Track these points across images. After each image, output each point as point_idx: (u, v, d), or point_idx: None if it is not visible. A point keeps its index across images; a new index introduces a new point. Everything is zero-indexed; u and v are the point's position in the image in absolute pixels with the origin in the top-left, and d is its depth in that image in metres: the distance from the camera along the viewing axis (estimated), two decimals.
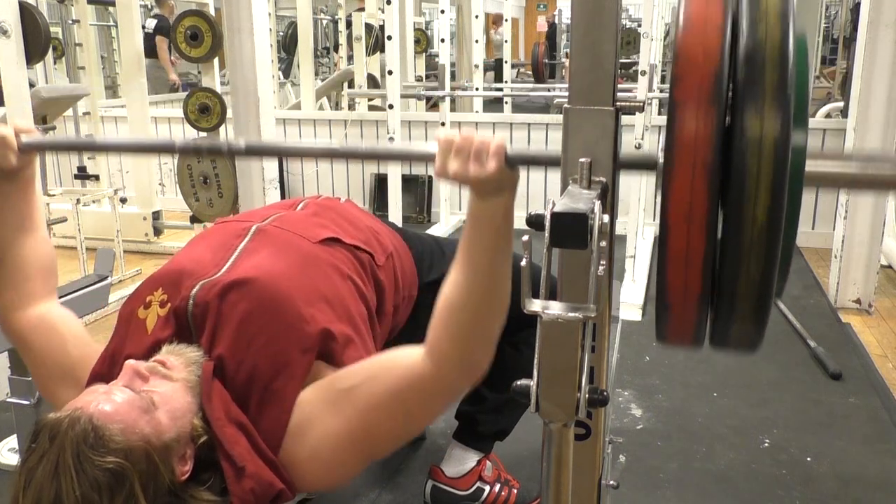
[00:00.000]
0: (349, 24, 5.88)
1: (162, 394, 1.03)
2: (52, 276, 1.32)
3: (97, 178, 4.53)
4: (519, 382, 0.79)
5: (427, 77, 6.89)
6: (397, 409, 1.09)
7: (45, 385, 1.27)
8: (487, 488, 1.76)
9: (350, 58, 6.16)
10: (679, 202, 0.74)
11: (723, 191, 0.74)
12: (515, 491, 1.80)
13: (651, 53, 3.30)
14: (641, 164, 0.90)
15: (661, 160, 0.75)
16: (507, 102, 5.95)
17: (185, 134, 4.13)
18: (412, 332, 1.56)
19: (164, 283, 1.22)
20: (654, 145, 4.31)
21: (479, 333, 1.06)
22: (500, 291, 1.05)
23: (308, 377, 1.14)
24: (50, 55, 4.43)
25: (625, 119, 0.92)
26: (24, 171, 1.26)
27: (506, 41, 7.13)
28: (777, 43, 0.71)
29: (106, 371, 1.15)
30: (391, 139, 3.85)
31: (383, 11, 4.22)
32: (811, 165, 0.78)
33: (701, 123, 0.72)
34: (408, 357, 1.10)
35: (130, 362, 1.06)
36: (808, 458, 2.02)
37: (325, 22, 7.79)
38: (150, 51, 6.03)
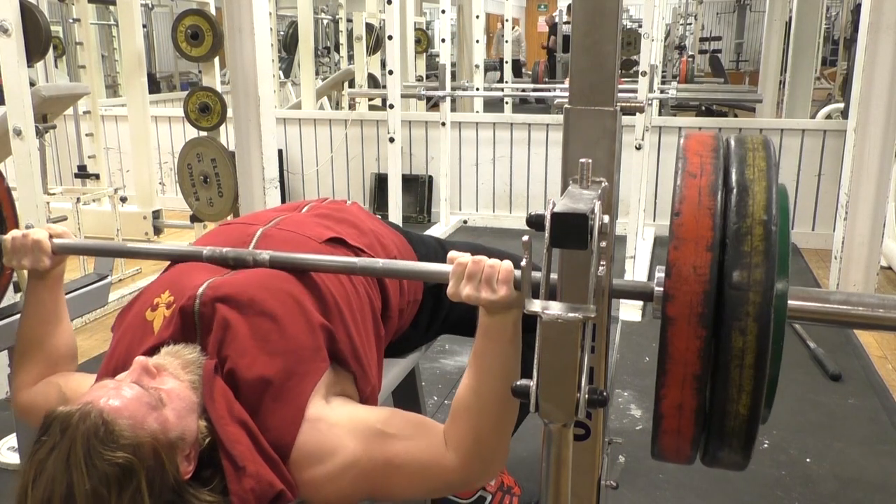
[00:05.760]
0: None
1: (169, 391, 1.04)
2: (74, 363, 1.37)
3: (97, 176, 4.52)
4: (519, 382, 0.79)
5: (427, 77, 6.88)
6: (420, 480, 1.13)
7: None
8: (489, 497, 1.76)
9: (350, 57, 6.16)
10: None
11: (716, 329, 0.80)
12: (517, 498, 1.79)
13: (651, 54, 3.30)
14: (637, 295, 0.93)
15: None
16: (507, 102, 5.95)
17: (185, 134, 4.12)
18: (415, 334, 1.56)
19: (171, 285, 1.22)
20: (654, 146, 4.31)
21: (496, 434, 1.12)
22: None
23: (324, 378, 1.15)
24: (50, 54, 4.42)
25: (625, 119, 0.93)
26: (55, 271, 1.32)
27: (507, 41, 7.13)
28: (760, 280, 0.77)
29: (112, 373, 1.14)
30: (391, 139, 3.85)
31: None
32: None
33: (690, 343, 0.79)
34: (439, 438, 1.13)
35: (140, 359, 1.06)
36: (808, 460, 2.02)
37: (325, 21, 7.79)
38: None
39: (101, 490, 0.91)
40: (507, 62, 6.95)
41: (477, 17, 5.65)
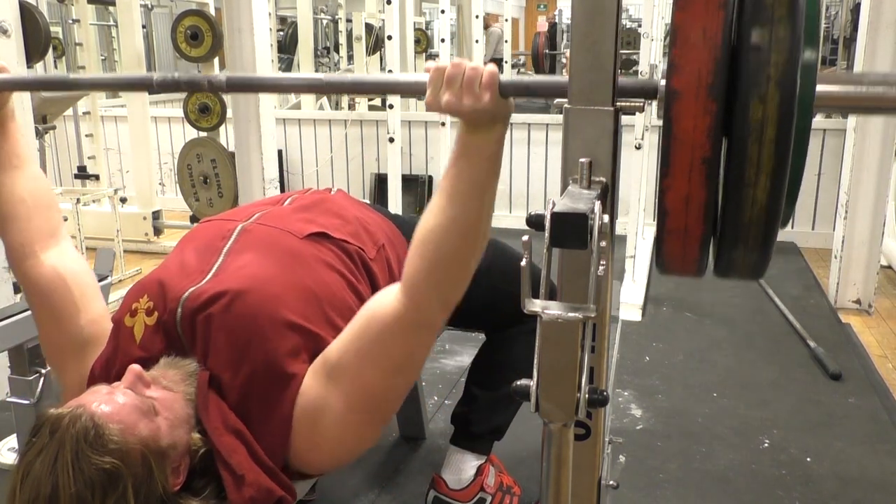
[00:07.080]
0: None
1: (162, 401, 1.04)
2: (52, 211, 1.29)
3: (97, 177, 4.54)
4: (519, 382, 0.79)
5: None
6: (386, 361, 1.09)
7: (52, 354, 1.25)
8: (489, 499, 1.75)
9: (350, 57, 6.16)
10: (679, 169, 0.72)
11: (727, 120, 0.71)
12: (517, 498, 1.79)
13: (651, 53, 3.30)
14: (640, 93, 0.86)
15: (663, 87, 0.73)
16: None
17: (185, 134, 4.13)
18: None
19: (150, 290, 1.20)
20: (654, 146, 4.31)
21: (457, 265, 1.06)
22: (482, 224, 1.05)
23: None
24: (50, 55, 4.43)
25: (625, 119, 0.92)
26: (1, 112, 1.23)
27: (506, 41, 7.13)
28: (785, 38, 0.67)
29: (102, 377, 1.14)
30: (391, 139, 3.85)
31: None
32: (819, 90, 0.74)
33: (699, 120, 0.70)
34: (382, 303, 1.10)
35: (134, 367, 1.05)
36: (808, 459, 2.02)
37: (325, 22, 7.79)
38: None
39: (86, 494, 0.91)
40: (506, 62, 6.96)
41: (476, 17, 5.64)
